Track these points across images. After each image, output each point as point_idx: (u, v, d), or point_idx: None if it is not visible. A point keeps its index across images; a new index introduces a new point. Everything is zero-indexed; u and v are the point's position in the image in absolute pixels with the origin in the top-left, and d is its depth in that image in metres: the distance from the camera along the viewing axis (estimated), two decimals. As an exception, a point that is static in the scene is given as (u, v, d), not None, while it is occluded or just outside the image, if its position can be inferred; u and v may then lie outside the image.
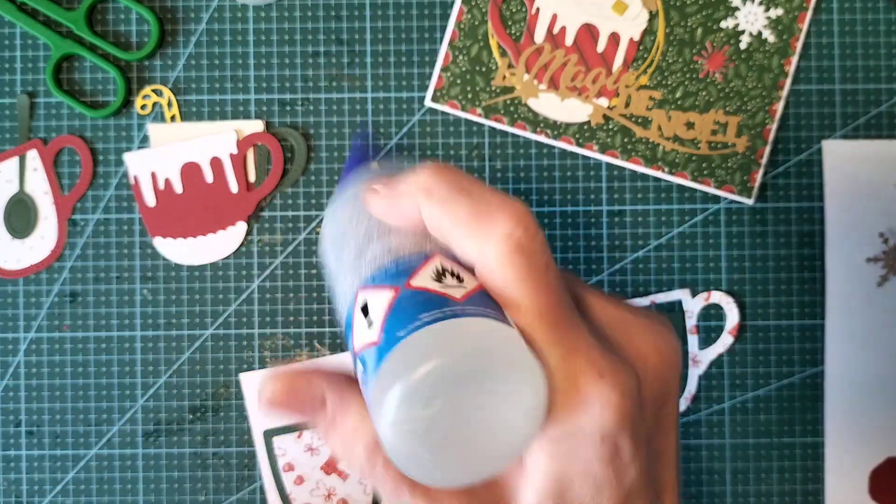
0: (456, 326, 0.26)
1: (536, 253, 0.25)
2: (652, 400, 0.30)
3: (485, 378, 0.26)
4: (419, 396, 0.25)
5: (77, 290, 0.56)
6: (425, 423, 0.26)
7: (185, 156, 0.55)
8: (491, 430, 0.26)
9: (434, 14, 0.56)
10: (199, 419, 0.56)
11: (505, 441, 0.27)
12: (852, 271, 0.55)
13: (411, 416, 0.25)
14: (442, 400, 0.26)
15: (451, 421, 0.26)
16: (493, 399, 0.26)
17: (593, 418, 0.27)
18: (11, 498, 0.56)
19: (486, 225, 0.25)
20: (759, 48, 0.55)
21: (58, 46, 0.55)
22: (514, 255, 0.25)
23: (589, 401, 0.27)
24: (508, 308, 0.27)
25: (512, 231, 0.25)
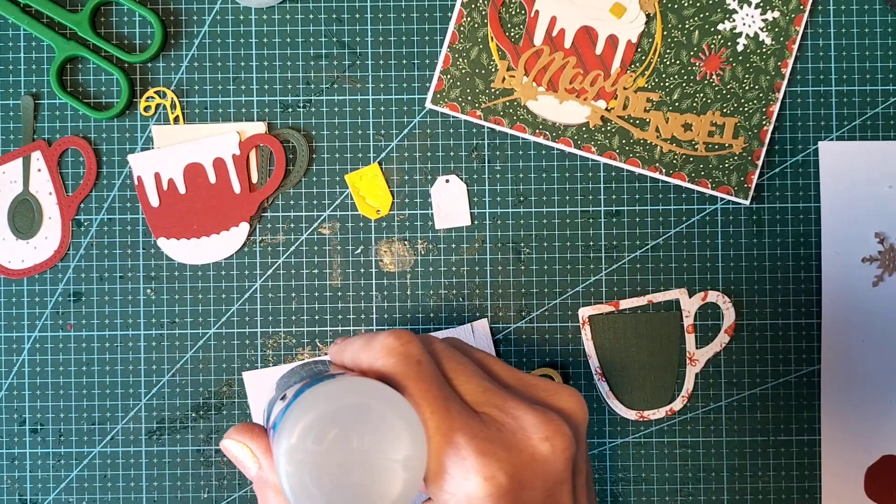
0: (349, 381, 0.32)
1: (409, 354, 0.33)
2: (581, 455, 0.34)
3: (369, 419, 0.30)
4: (311, 430, 0.30)
5: (81, 290, 0.56)
6: (316, 458, 0.30)
7: (189, 157, 0.56)
8: (375, 475, 0.30)
9: (434, 17, 0.56)
10: (202, 417, 0.56)
11: (388, 488, 0.30)
12: (848, 271, 0.56)
13: (304, 447, 0.30)
14: (331, 436, 0.30)
15: (339, 461, 0.30)
16: (376, 441, 0.30)
17: (473, 493, 0.31)
18: (15, 496, 0.56)
19: (370, 346, 0.34)
20: (756, 50, 0.56)
21: (62, 48, 0.55)
22: (388, 357, 0.33)
23: (470, 475, 0.31)
24: (399, 389, 0.33)
25: (383, 341, 0.33)
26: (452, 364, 0.35)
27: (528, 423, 0.33)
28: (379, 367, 0.33)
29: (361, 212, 0.56)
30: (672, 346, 0.56)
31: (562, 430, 0.33)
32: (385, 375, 0.33)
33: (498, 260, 0.56)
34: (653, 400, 0.56)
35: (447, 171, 0.56)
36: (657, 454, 0.56)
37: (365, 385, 0.32)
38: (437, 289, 0.56)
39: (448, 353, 0.35)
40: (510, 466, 0.31)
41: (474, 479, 0.31)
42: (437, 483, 0.32)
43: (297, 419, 0.30)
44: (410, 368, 0.33)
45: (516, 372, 0.37)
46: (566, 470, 0.33)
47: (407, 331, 0.34)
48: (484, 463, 0.31)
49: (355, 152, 0.56)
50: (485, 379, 0.35)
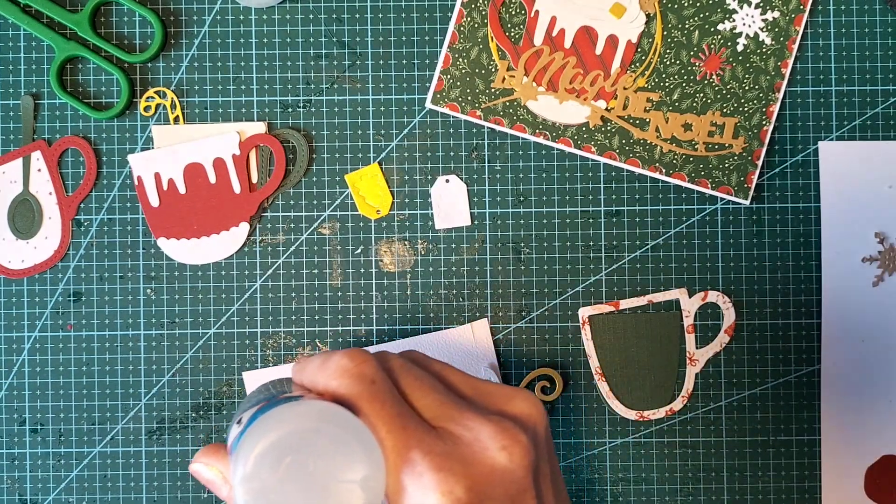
0: (303, 405, 0.32)
1: (363, 375, 0.33)
2: (543, 457, 0.34)
3: (324, 442, 0.30)
4: (266, 456, 0.30)
5: (81, 290, 0.56)
6: (273, 485, 0.30)
7: (189, 157, 0.56)
8: (332, 498, 0.30)
9: (434, 17, 0.56)
10: (202, 417, 0.56)
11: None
12: (848, 271, 0.56)
13: (260, 475, 0.30)
14: (286, 462, 0.30)
15: (296, 486, 0.30)
16: (333, 465, 0.30)
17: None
18: (15, 496, 0.56)
19: (325, 367, 0.34)
20: (756, 50, 0.56)
21: (62, 48, 0.56)
22: (341, 378, 0.33)
23: (427, 491, 0.31)
24: (354, 410, 0.33)
25: (338, 362, 0.33)
26: (409, 380, 0.35)
27: (484, 435, 0.33)
28: (333, 388, 0.33)
29: (361, 212, 0.56)
30: (672, 346, 0.56)
31: (518, 439, 0.33)
32: (340, 397, 0.33)
33: (498, 260, 0.56)
34: (653, 400, 0.56)
35: (447, 171, 0.56)
36: (657, 454, 0.56)
37: (318, 408, 0.32)
38: (437, 289, 0.56)
39: (404, 368, 0.35)
40: (468, 480, 0.31)
41: (432, 495, 0.31)
42: (396, 501, 0.32)
43: (250, 447, 0.30)
44: (364, 388, 0.33)
45: (473, 380, 0.37)
46: (526, 477, 0.33)
47: (361, 350, 0.34)
48: (441, 479, 0.31)
49: (355, 152, 0.56)
50: (441, 392, 0.35)
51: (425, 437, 0.32)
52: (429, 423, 0.33)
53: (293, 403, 0.32)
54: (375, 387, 0.33)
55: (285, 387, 0.37)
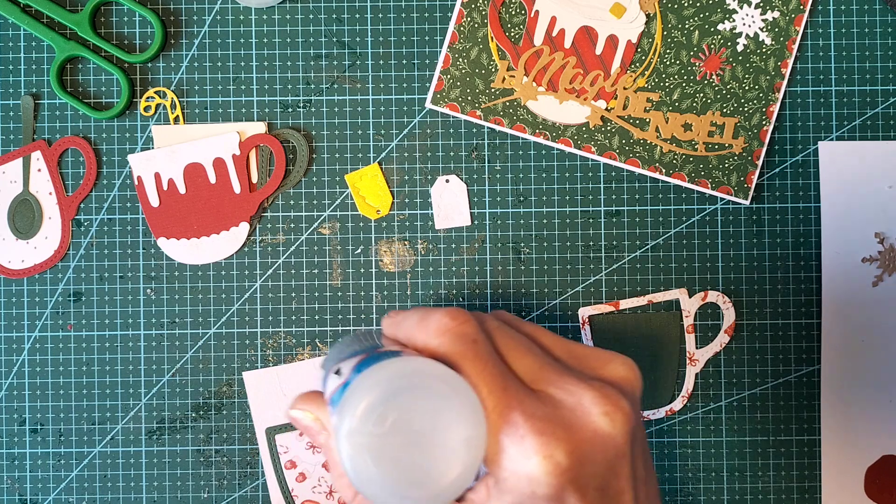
0: (408, 361, 0.32)
1: (465, 334, 0.33)
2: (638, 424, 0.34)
3: (429, 401, 0.31)
4: (372, 412, 0.30)
5: (81, 290, 0.56)
6: (377, 440, 0.30)
7: (189, 157, 0.56)
8: (435, 455, 0.31)
9: (434, 17, 0.56)
10: (202, 417, 0.56)
11: (448, 469, 0.31)
12: (848, 271, 0.56)
13: (365, 430, 0.30)
14: (392, 418, 0.30)
15: (399, 442, 0.30)
16: (437, 423, 0.30)
17: (532, 473, 0.31)
18: (15, 496, 0.56)
19: (425, 324, 0.34)
20: (756, 50, 0.56)
21: (62, 48, 0.56)
22: (443, 336, 0.33)
23: (528, 454, 0.31)
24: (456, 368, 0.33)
25: (439, 320, 0.33)
26: (506, 341, 0.35)
27: (586, 400, 0.32)
28: (434, 346, 0.33)
29: (361, 212, 0.56)
30: (672, 346, 0.56)
31: (620, 405, 0.33)
32: (441, 355, 0.33)
33: (498, 260, 0.56)
34: (653, 400, 0.56)
35: (447, 171, 0.56)
36: (657, 454, 0.56)
37: (423, 365, 0.32)
38: (437, 289, 0.56)
39: (501, 330, 0.35)
40: (569, 445, 0.31)
41: (534, 458, 0.31)
42: (496, 462, 0.32)
43: (357, 401, 0.30)
44: (467, 348, 0.33)
45: (566, 343, 0.36)
46: (626, 443, 0.33)
47: (462, 309, 0.34)
48: (543, 442, 0.31)
49: (355, 152, 0.56)
50: (538, 355, 0.35)
51: (526, 400, 0.32)
52: (528, 385, 0.33)
53: (396, 359, 0.32)
54: (477, 347, 0.33)
55: (376, 339, 0.37)
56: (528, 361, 0.34)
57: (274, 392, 0.56)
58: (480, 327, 0.34)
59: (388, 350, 0.34)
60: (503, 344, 0.34)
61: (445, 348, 0.33)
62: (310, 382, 0.56)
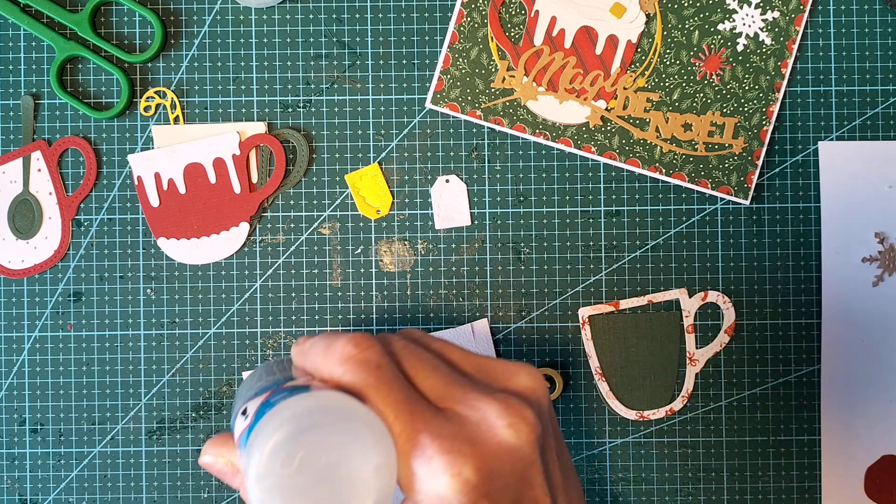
0: (310, 397, 0.32)
1: (367, 361, 0.33)
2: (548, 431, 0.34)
3: (335, 435, 0.30)
4: (278, 453, 0.30)
5: (81, 290, 0.56)
6: (286, 480, 0.30)
7: (189, 157, 0.56)
8: (346, 489, 0.30)
9: (434, 17, 0.56)
10: (202, 417, 0.56)
11: (362, 500, 0.31)
12: (848, 271, 0.56)
13: (272, 471, 0.30)
14: (299, 457, 0.30)
15: (309, 479, 0.30)
16: (344, 456, 0.30)
17: (442, 492, 0.31)
18: (15, 496, 0.56)
19: (329, 353, 0.34)
20: (756, 50, 0.56)
21: (62, 48, 0.56)
22: (346, 365, 0.33)
23: (437, 474, 0.31)
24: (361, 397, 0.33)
25: (342, 349, 0.33)
26: (412, 361, 0.35)
27: (490, 413, 0.33)
28: (338, 376, 0.33)
29: (361, 212, 0.56)
30: (672, 346, 0.56)
31: (523, 415, 0.33)
32: (346, 385, 0.33)
33: (498, 260, 0.56)
34: (653, 400, 0.56)
35: (447, 171, 0.56)
36: (657, 454, 0.56)
37: (326, 400, 0.32)
38: (437, 289, 0.56)
39: (407, 350, 0.35)
40: (476, 460, 0.31)
41: (442, 478, 0.31)
42: (409, 486, 0.32)
43: (262, 443, 0.30)
44: (370, 374, 0.33)
45: (474, 357, 0.37)
46: (533, 453, 0.33)
47: (365, 336, 0.34)
48: (450, 461, 0.31)
49: (355, 152, 0.56)
50: (444, 373, 0.35)
51: (432, 420, 0.32)
52: (434, 404, 0.33)
53: (300, 396, 0.32)
54: (381, 372, 0.33)
55: (285, 368, 0.37)
56: (434, 380, 0.34)
57: (274, 392, 0.56)
58: (384, 350, 0.34)
59: (294, 385, 0.34)
60: (409, 365, 0.35)
61: (349, 377, 0.33)
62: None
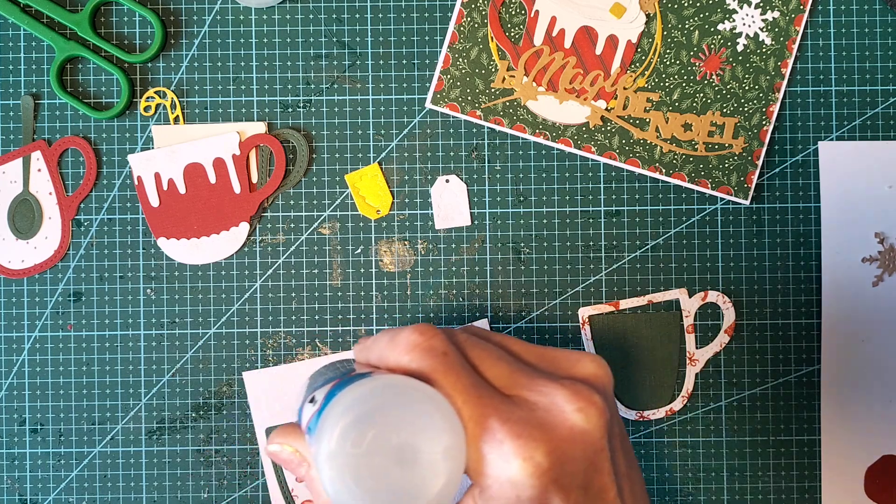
0: (379, 379, 0.32)
1: (434, 348, 0.33)
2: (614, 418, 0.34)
3: (405, 416, 0.31)
4: (349, 433, 0.30)
5: (81, 290, 0.56)
6: (357, 460, 0.30)
7: (189, 157, 0.56)
8: (417, 469, 0.31)
9: (434, 17, 0.56)
10: (203, 417, 0.56)
11: (431, 481, 0.31)
12: (848, 271, 0.56)
13: (343, 451, 0.30)
14: (369, 437, 0.30)
15: (379, 460, 0.30)
16: (414, 436, 0.31)
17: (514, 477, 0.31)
18: (15, 496, 0.56)
19: (395, 343, 0.35)
20: (756, 50, 0.56)
21: (62, 48, 0.56)
22: (413, 352, 0.34)
23: (508, 458, 0.31)
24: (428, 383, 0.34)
25: (408, 338, 0.34)
26: (476, 351, 0.35)
27: (559, 399, 0.33)
28: (405, 363, 0.34)
29: (361, 212, 0.56)
30: (672, 346, 0.56)
31: (592, 400, 0.33)
32: (413, 371, 0.33)
33: (498, 260, 0.56)
34: (653, 400, 0.56)
35: (447, 171, 0.56)
36: (657, 454, 0.56)
37: (396, 382, 0.32)
38: (437, 289, 0.56)
39: (470, 341, 0.36)
40: (547, 445, 0.32)
41: (514, 462, 0.31)
42: (478, 471, 0.32)
43: (333, 424, 0.30)
44: (437, 361, 0.33)
45: (536, 348, 0.37)
46: (602, 438, 0.33)
47: (429, 325, 0.35)
48: (521, 445, 0.31)
49: (355, 152, 0.56)
50: (510, 361, 0.35)
51: (501, 406, 0.33)
52: (502, 392, 0.34)
53: (369, 379, 0.32)
54: (448, 359, 0.33)
55: (350, 366, 0.38)
56: (500, 368, 0.35)
57: (274, 392, 0.56)
58: (449, 340, 0.34)
59: (360, 373, 0.34)
60: (474, 354, 0.35)
61: (416, 364, 0.33)
62: (310, 382, 0.56)
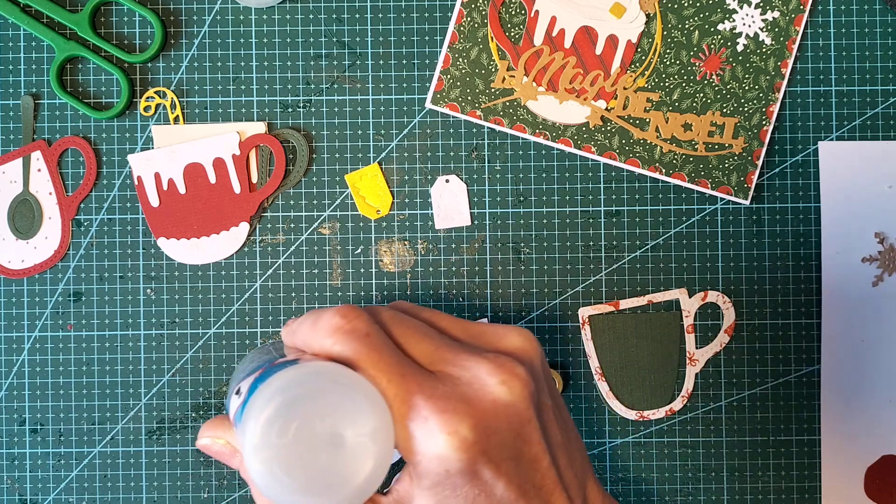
0: (301, 367, 0.32)
1: (356, 330, 0.33)
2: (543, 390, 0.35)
3: (328, 401, 0.30)
4: (273, 424, 0.30)
5: (81, 290, 0.56)
6: (283, 451, 0.30)
7: (189, 157, 0.56)
8: (345, 454, 0.31)
9: (434, 17, 0.56)
10: (202, 417, 0.56)
11: (361, 465, 0.31)
12: (848, 271, 0.56)
13: (269, 442, 0.30)
14: (294, 426, 0.30)
15: (306, 448, 0.30)
16: (340, 422, 0.30)
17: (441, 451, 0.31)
18: (15, 496, 0.56)
19: (317, 327, 0.34)
20: (756, 50, 0.56)
21: (62, 48, 0.56)
22: (335, 336, 0.33)
23: (434, 433, 0.31)
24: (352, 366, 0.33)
25: (329, 321, 0.33)
26: (401, 329, 0.35)
27: (482, 372, 0.33)
28: (328, 348, 0.33)
29: (361, 212, 0.56)
30: (672, 346, 0.56)
31: (515, 372, 0.33)
32: (336, 356, 0.33)
33: (498, 260, 0.56)
34: (653, 400, 0.56)
35: (447, 171, 0.56)
36: (657, 454, 0.56)
37: (317, 368, 0.32)
38: (437, 289, 0.56)
39: (396, 318, 0.35)
40: (471, 418, 0.32)
41: (439, 436, 0.31)
42: (407, 448, 0.32)
43: (256, 415, 0.30)
44: (360, 343, 0.33)
45: (463, 323, 0.37)
46: (528, 409, 0.33)
47: (352, 306, 0.34)
48: (445, 420, 0.31)
49: (355, 152, 0.56)
50: (434, 337, 0.35)
51: (425, 382, 0.32)
52: (426, 368, 0.34)
53: (291, 367, 0.32)
54: (370, 339, 0.33)
55: (278, 350, 0.38)
56: (425, 345, 0.34)
57: (274, 392, 0.56)
58: (372, 319, 0.34)
59: (284, 361, 0.34)
60: (398, 332, 0.35)
61: (339, 347, 0.33)
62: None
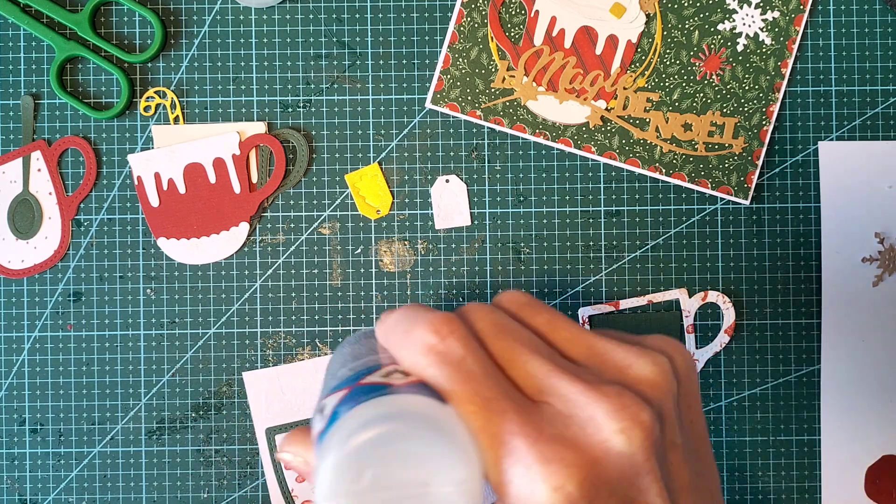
0: (386, 403, 0.28)
1: (449, 353, 0.29)
2: (673, 428, 0.30)
3: (412, 446, 0.27)
4: (349, 468, 0.27)
5: (81, 290, 0.56)
6: (357, 498, 0.27)
7: (189, 157, 0.56)
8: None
9: (434, 17, 0.56)
10: (202, 417, 0.56)
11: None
12: (848, 271, 0.56)
13: (339, 490, 0.27)
14: (370, 473, 0.27)
15: (383, 495, 0.27)
16: (423, 470, 0.27)
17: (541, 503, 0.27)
18: (15, 496, 0.56)
19: (409, 340, 0.30)
20: (756, 50, 0.56)
21: (62, 48, 0.56)
22: (426, 357, 0.30)
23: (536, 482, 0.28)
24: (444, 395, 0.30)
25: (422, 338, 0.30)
26: (505, 344, 0.30)
27: (598, 414, 0.28)
28: (420, 371, 0.30)
29: (361, 212, 0.56)
30: (672, 346, 0.56)
31: (639, 419, 0.28)
32: (427, 380, 0.30)
33: (498, 260, 0.56)
34: (653, 400, 0.56)
35: (447, 171, 0.56)
36: (657, 454, 0.56)
37: (404, 408, 0.28)
38: (437, 289, 0.56)
39: (498, 329, 0.31)
40: (580, 471, 0.28)
41: (542, 488, 0.28)
42: (502, 490, 0.28)
43: (330, 457, 0.27)
44: (453, 371, 0.29)
45: (588, 337, 0.31)
46: (648, 460, 0.29)
47: (447, 317, 0.30)
48: (551, 472, 0.27)
49: (355, 152, 0.56)
50: (545, 357, 0.30)
51: (530, 420, 0.28)
52: (532, 397, 0.29)
53: (373, 402, 0.29)
54: (464, 366, 0.29)
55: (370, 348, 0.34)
56: (533, 367, 0.30)
57: (274, 392, 0.56)
58: (468, 334, 0.30)
59: (372, 383, 0.31)
60: (501, 348, 0.30)
61: (429, 373, 0.29)
62: (309, 382, 0.56)
